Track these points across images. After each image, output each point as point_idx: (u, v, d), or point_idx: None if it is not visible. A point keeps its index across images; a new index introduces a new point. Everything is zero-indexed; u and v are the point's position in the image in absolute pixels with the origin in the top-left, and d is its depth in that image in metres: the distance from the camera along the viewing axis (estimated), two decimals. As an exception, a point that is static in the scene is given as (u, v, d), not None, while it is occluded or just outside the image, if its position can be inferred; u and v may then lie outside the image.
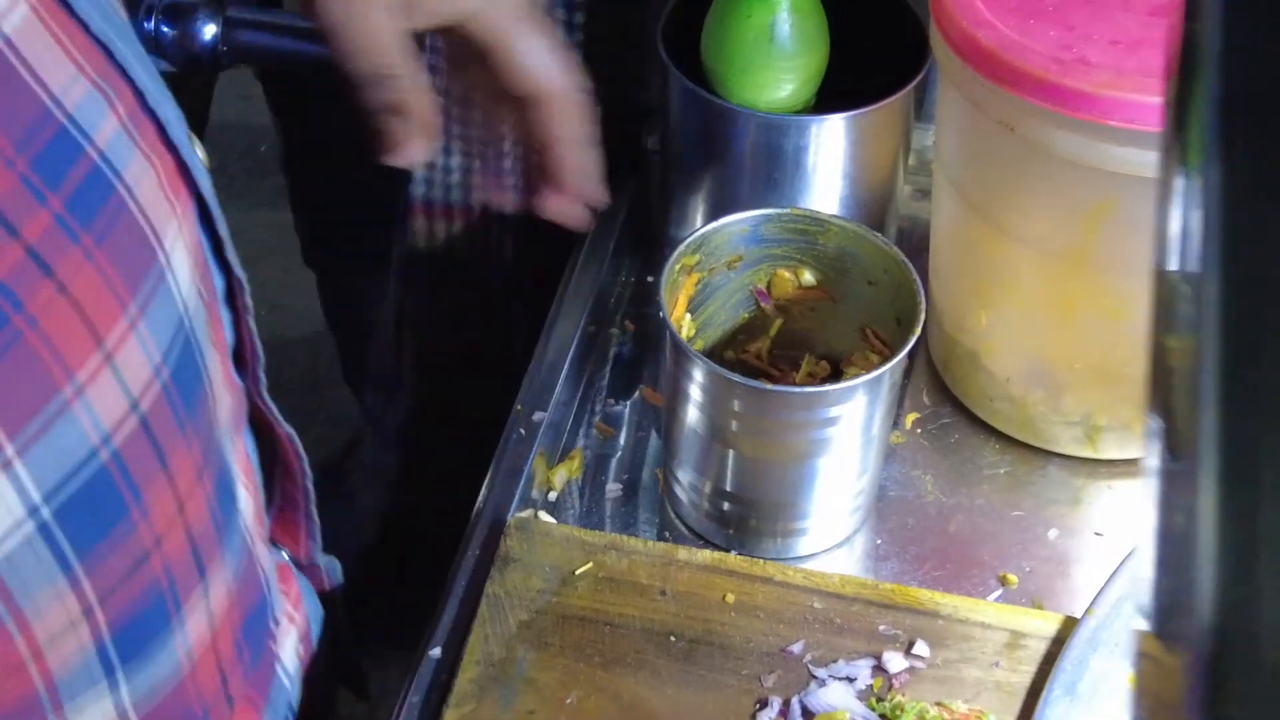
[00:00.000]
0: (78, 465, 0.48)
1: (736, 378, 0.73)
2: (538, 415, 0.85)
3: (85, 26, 0.49)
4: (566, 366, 0.88)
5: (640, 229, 0.99)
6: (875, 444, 0.79)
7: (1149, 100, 0.69)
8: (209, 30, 1.05)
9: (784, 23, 0.83)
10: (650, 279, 0.97)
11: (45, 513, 0.47)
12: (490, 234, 1.04)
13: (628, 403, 0.91)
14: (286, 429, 0.68)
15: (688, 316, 0.82)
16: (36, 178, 0.46)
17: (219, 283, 0.60)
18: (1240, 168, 0.25)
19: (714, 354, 0.84)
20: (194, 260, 0.55)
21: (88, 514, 0.49)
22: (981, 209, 0.81)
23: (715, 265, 0.81)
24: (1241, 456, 0.28)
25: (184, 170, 0.55)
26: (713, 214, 0.92)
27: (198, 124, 1.54)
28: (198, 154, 0.56)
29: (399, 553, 1.18)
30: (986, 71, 0.74)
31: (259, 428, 0.67)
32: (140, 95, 0.52)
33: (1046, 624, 0.76)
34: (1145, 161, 0.71)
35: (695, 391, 0.76)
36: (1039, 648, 0.75)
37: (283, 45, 1.05)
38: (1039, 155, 0.74)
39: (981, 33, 0.74)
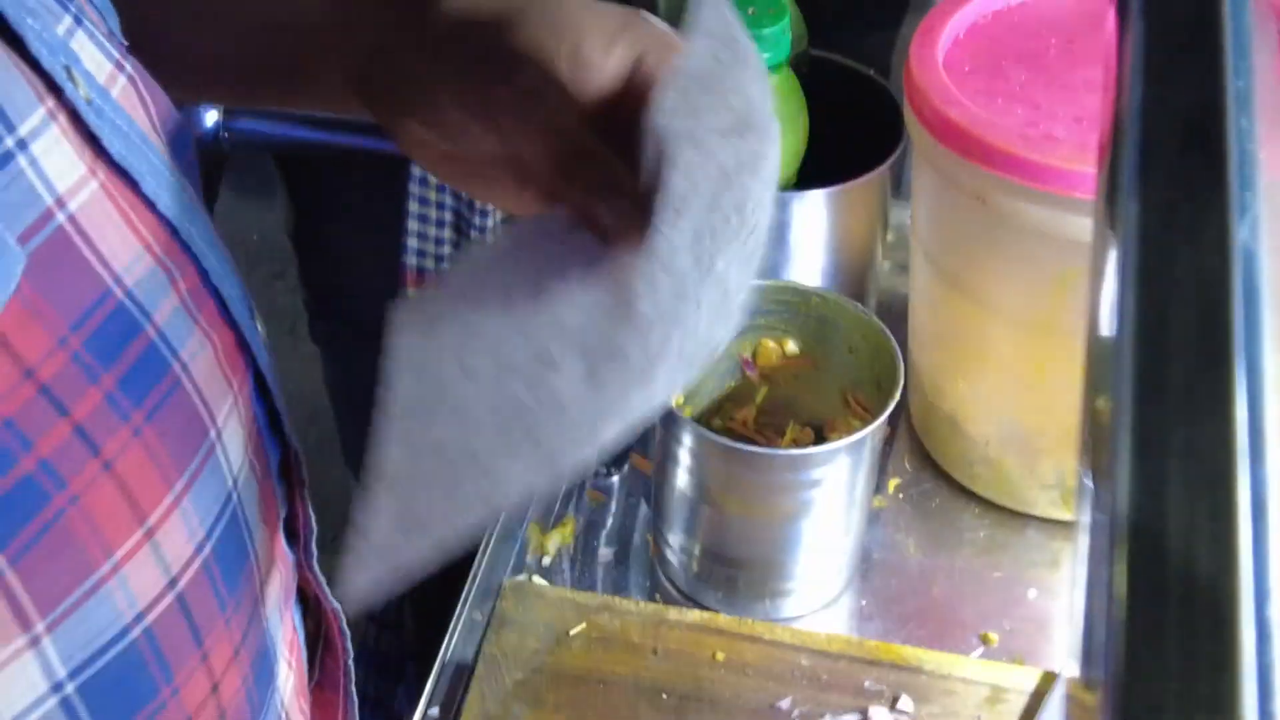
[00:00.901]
0: (108, 644, 0.46)
1: (724, 441, 0.76)
2: (531, 482, 0.88)
3: (152, 205, 0.49)
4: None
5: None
6: (859, 506, 0.82)
7: (1111, 173, 0.73)
8: (210, 117, 1.09)
9: (765, 104, 0.87)
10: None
11: (70, 688, 0.46)
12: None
13: (619, 472, 0.93)
14: (334, 604, 0.65)
15: None
16: (89, 356, 0.45)
17: (274, 456, 0.57)
18: (1151, 215, 0.28)
19: (702, 421, 0.87)
20: (248, 434, 0.53)
21: (115, 692, 0.47)
22: (956, 279, 0.84)
23: None
24: (1148, 505, 0.29)
25: (243, 345, 0.54)
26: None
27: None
28: (258, 329, 0.55)
29: (397, 617, 1.20)
30: (958, 147, 0.77)
31: (306, 600, 0.65)
32: (204, 273, 0.51)
33: (1026, 678, 0.78)
34: (1109, 231, 0.74)
35: (684, 456, 0.79)
36: (1019, 701, 0.77)
37: (285, 132, 1.09)
38: (1009, 226, 0.78)
39: (953, 111, 0.78)
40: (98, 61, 0.48)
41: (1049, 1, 0.86)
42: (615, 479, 0.93)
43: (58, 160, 0.44)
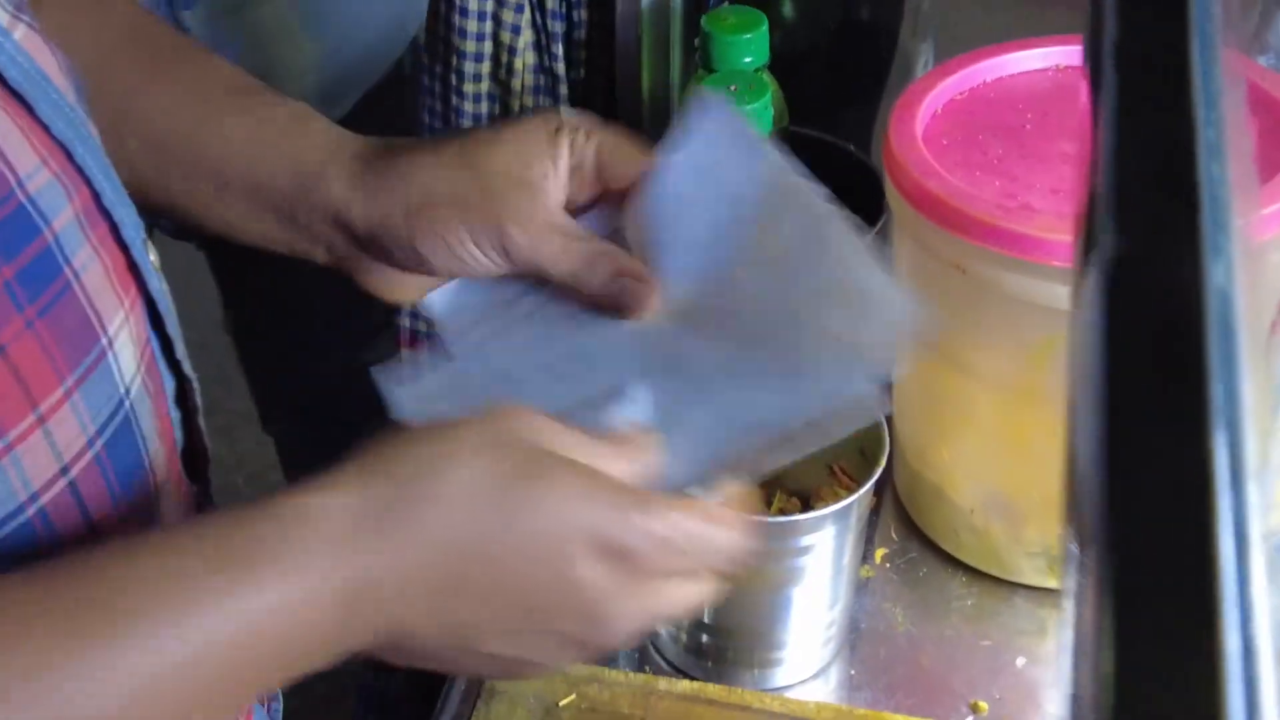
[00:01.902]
0: (4, 518, 0.50)
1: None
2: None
3: (47, 129, 0.54)
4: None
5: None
6: (846, 574, 0.82)
7: (1088, 241, 0.74)
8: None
9: (748, 178, 0.88)
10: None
11: None
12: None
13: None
14: None
15: None
16: None
17: (169, 384, 0.62)
18: (1125, 260, 0.28)
19: (689, 491, 0.88)
20: (140, 352, 0.58)
21: (12, 570, 0.49)
22: (938, 347, 0.85)
23: None
24: (1127, 563, 0.29)
25: (133, 269, 0.59)
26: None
27: None
28: (150, 256, 0.60)
29: (384, 687, 1.19)
30: (937, 218, 0.79)
31: None
32: (96, 195, 0.57)
33: (1016, 745, 0.78)
34: (1088, 298, 0.76)
35: None
36: (1010, 768, 0.77)
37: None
38: (989, 295, 0.79)
39: (931, 183, 0.79)
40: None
41: (1024, 78, 0.88)
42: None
43: None
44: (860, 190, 0.95)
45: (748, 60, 0.91)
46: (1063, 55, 0.89)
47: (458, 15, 0.94)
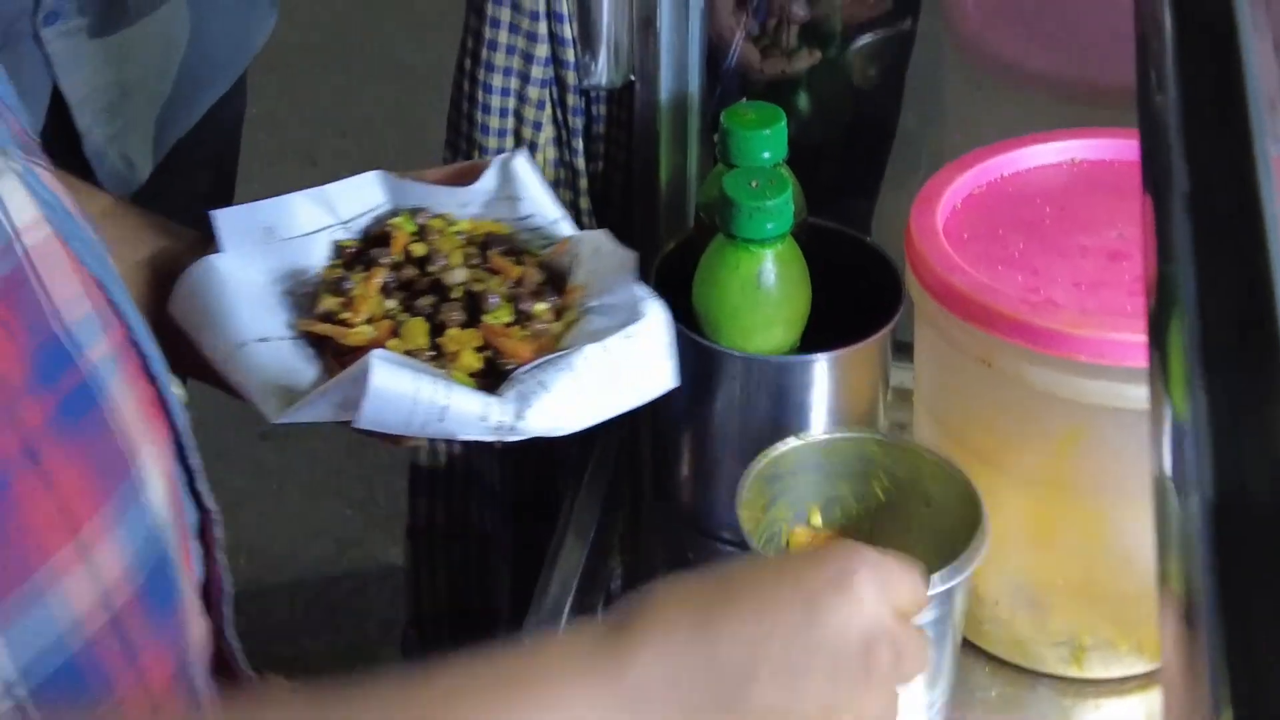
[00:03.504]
0: (50, 647, 0.52)
1: None
2: (545, 647, 0.88)
3: (82, 262, 0.57)
4: (571, 599, 0.91)
5: (635, 466, 1.04)
6: (949, 649, 0.81)
7: (1114, 337, 0.75)
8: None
9: (770, 272, 0.89)
10: (645, 514, 1.02)
11: (21, 691, 0.50)
12: (486, 459, 1.08)
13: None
14: (248, 673, 0.69)
15: None
16: (36, 377, 0.52)
17: (191, 516, 0.64)
18: (1220, 400, 0.29)
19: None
20: (168, 486, 0.60)
21: (62, 700, 0.52)
22: (961, 438, 0.86)
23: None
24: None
25: (161, 402, 0.61)
26: (701, 450, 0.97)
27: None
28: (175, 391, 0.62)
29: None
30: (962, 312, 0.80)
31: (224, 671, 0.68)
32: (129, 330, 0.59)
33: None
34: (1113, 393, 0.77)
35: None
36: None
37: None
38: (1014, 388, 0.80)
39: (955, 278, 0.80)
40: (21, 145, 0.57)
41: (1041, 172, 0.89)
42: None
43: (17, 201, 0.53)
44: (878, 281, 0.96)
45: (766, 155, 0.92)
46: (1079, 149, 0.90)
47: (480, 112, 0.95)
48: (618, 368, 0.74)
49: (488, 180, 0.83)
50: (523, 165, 0.84)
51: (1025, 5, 1.06)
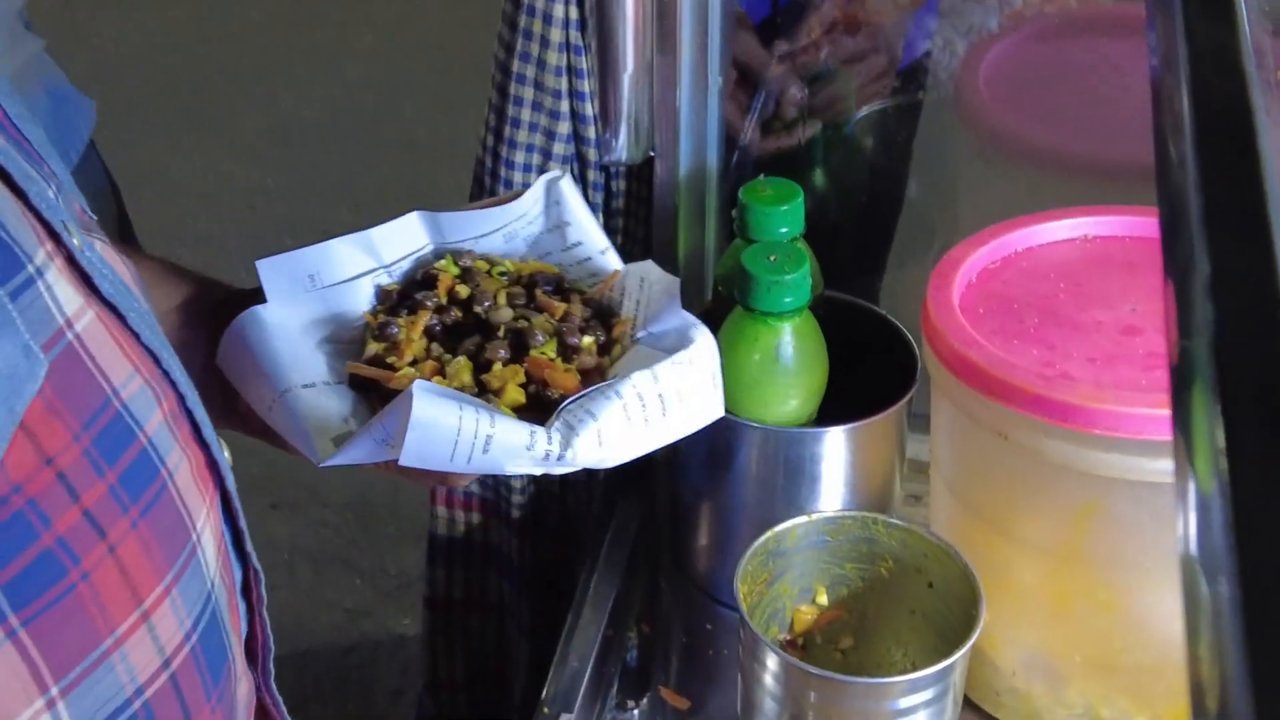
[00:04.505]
0: (113, 713, 0.53)
1: (813, 670, 0.77)
2: (564, 717, 0.88)
3: (138, 337, 0.58)
4: (590, 668, 0.92)
5: (653, 537, 1.04)
6: None
7: (1129, 411, 0.76)
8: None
9: (788, 345, 0.90)
10: (663, 585, 1.02)
11: None
12: (504, 530, 1.09)
13: (638, 705, 0.94)
14: None
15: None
16: (97, 453, 0.54)
17: (238, 573, 0.65)
18: (1246, 475, 0.30)
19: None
20: (218, 546, 0.61)
21: None
22: (979, 510, 0.87)
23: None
24: None
25: (212, 466, 0.62)
26: (717, 521, 0.98)
27: None
28: (224, 453, 0.64)
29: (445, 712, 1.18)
30: (979, 386, 0.81)
31: None
32: (181, 398, 0.61)
33: None
34: (1129, 465, 0.78)
35: (770, 682, 0.80)
36: None
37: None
38: (1031, 461, 0.81)
39: (972, 352, 0.82)
40: (79, 223, 0.59)
41: (1054, 248, 0.91)
42: (636, 712, 0.94)
43: (63, 290, 0.54)
44: (894, 354, 0.98)
45: (784, 230, 0.94)
46: (1090, 225, 0.92)
47: (502, 187, 0.97)
48: (666, 395, 0.72)
49: (531, 200, 0.82)
50: (568, 187, 0.83)
51: (1034, 82, 1.08)
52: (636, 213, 1.01)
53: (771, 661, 0.80)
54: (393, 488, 2.20)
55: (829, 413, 0.95)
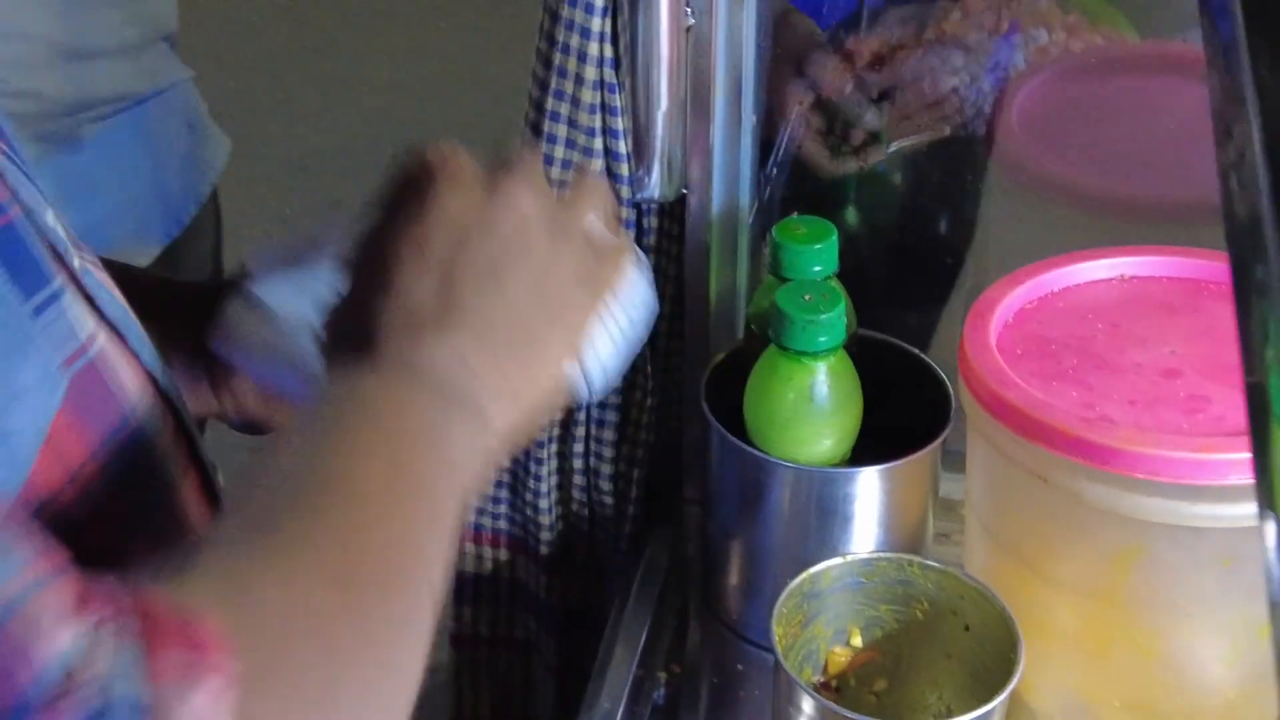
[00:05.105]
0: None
1: (849, 714, 0.77)
2: (596, 760, 0.88)
3: (138, 357, 0.60)
4: (622, 709, 0.91)
5: (683, 576, 1.04)
6: None
7: (1172, 455, 0.76)
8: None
9: (822, 384, 0.90)
10: (693, 624, 1.01)
11: None
12: (532, 567, 1.08)
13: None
14: None
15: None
16: (113, 469, 0.55)
17: None
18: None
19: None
20: None
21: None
22: (1015, 551, 0.86)
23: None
24: None
25: (208, 485, 0.64)
26: (749, 560, 0.97)
27: None
28: (219, 477, 0.66)
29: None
30: (1017, 428, 0.80)
31: None
32: (180, 421, 0.62)
33: None
34: (1171, 509, 0.77)
35: None
36: None
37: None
38: (1069, 503, 0.80)
39: (1010, 394, 0.81)
40: (77, 247, 0.60)
41: (1092, 288, 0.90)
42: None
43: (79, 312, 0.56)
44: (923, 389, 0.97)
45: (817, 269, 0.93)
46: (1128, 265, 0.91)
47: (535, 223, 0.96)
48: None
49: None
50: None
51: (1067, 120, 1.08)
52: (668, 250, 1.01)
53: (807, 705, 0.79)
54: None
55: (859, 450, 0.94)
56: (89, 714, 0.38)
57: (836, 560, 0.86)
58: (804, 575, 0.85)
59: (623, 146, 0.95)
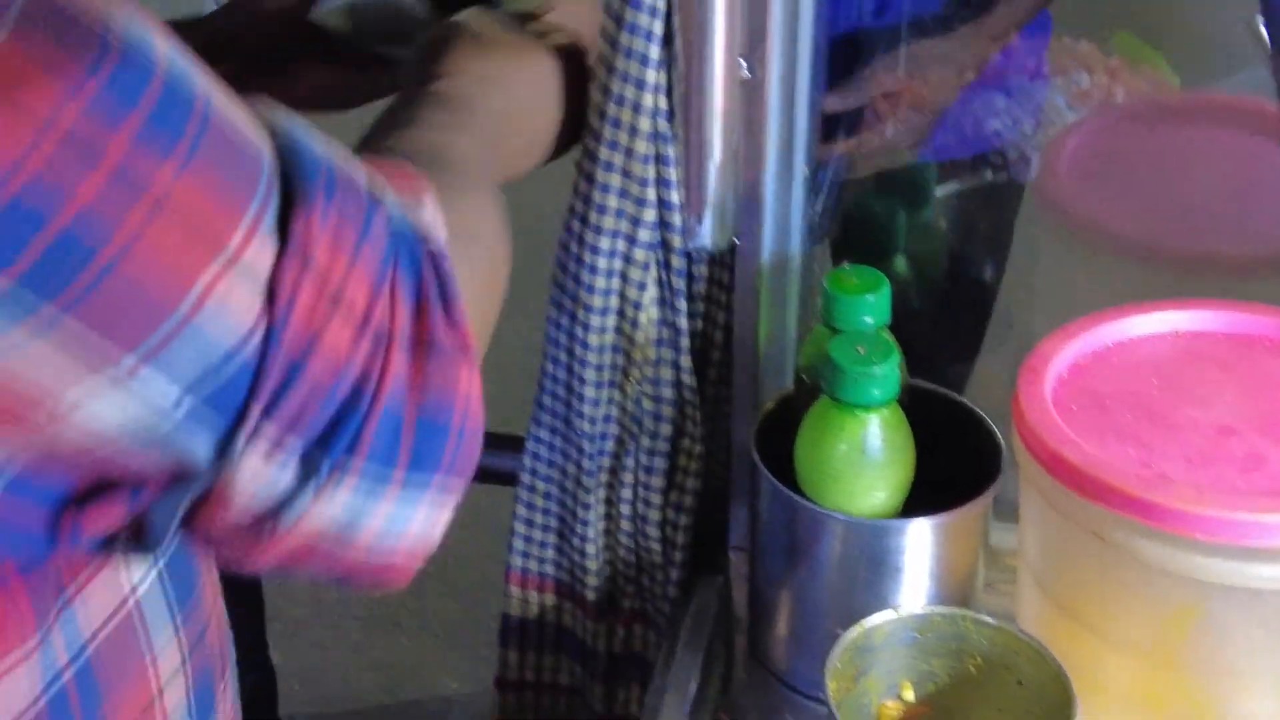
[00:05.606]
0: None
1: None
2: (649, 811, 0.88)
3: None
4: (673, 762, 0.91)
5: (731, 625, 1.04)
6: None
7: (1232, 516, 0.76)
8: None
9: (875, 436, 0.90)
10: (740, 673, 1.01)
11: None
12: (578, 613, 1.08)
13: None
14: None
15: None
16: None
17: None
18: None
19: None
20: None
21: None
22: (1069, 608, 0.86)
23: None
24: None
25: None
26: (798, 610, 0.97)
27: None
28: None
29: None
30: (1073, 485, 0.80)
31: None
32: None
33: None
34: (1230, 570, 0.77)
35: None
36: None
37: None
38: (1126, 562, 0.80)
39: (1067, 451, 0.81)
40: None
41: (1146, 342, 0.90)
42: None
43: None
44: (974, 441, 0.97)
45: (869, 320, 0.93)
46: (1181, 320, 0.91)
47: (587, 273, 0.97)
48: None
49: None
50: None
51: (1116, 170, 1.08)
52: (718, 298, 1.01)
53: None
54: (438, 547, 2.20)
55: (909, 499, 0.94)
56: (389, 215, 0.56)
57: (890, 615, 0.86)
58: (858, 630, 0.85)
59: (675, 196, 0.95)
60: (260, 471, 0.51)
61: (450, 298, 0.56)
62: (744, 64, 0.92)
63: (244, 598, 1.67)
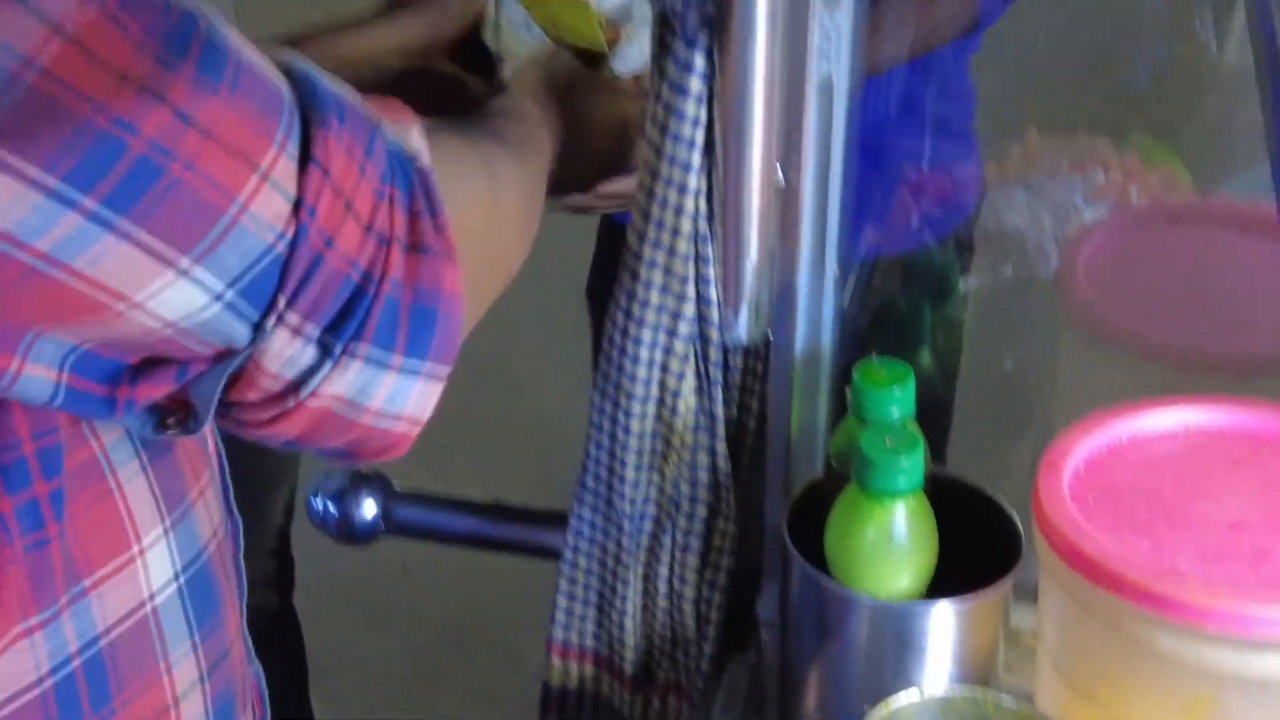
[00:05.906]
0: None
1: None
2: None
3: None
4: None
5: (761, 703, 1.08)
6: None
7: (1239, 610, 0.80)
8: (370, 509, 1.18)
9: (901, 524, 0.95)
10: (770, 744, 1.06)
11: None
12: (615, 684, 1.13)
13: None
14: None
15: None
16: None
17: (230, 528, 0.81)
18: None
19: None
20: (214, 517, 0.76)
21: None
22: (1087, 693, 0.90)
23: None
24: None
25: (201, 442, 0.77)
26: (827, 690, 1.02)
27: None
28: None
29: None
30: (1091, 577, 0.85)
31: None
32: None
33: None
34: (1241, 661, 0.81)
35: None
36: None
37: (441, 521, 1.18)
38: (1143, 652, 0.85)
39: (1085, 545, 0.86)
40: None
41: (1159, 439, 0.95)
42: None
43: None
44: (994, 526, 1.02)
45: (895, 412, 0.99)
46: (1191, 417, 0.96)
47: (630, 362, 1.02)
48: None
49: None
50: None
51: (1133, 273, 1.13)
52: (752, 388, 1.06)
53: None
54: (481, 606, 2.25)
55: (931, 580, 0.99)
56: (386, 138, 0.65)
57: (914, 697, 0.91)
58: (883, 711, 0.90)
59: (713, 293, 1.01)
60: (285, 351, 0.62)
61: (436, 208, 0.65)
62: (780, 171, 0.98)
63: (286, 653, 1.71)
